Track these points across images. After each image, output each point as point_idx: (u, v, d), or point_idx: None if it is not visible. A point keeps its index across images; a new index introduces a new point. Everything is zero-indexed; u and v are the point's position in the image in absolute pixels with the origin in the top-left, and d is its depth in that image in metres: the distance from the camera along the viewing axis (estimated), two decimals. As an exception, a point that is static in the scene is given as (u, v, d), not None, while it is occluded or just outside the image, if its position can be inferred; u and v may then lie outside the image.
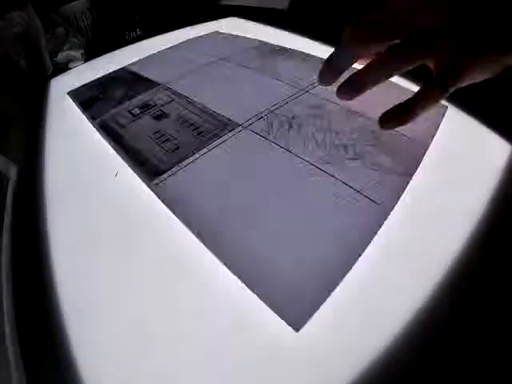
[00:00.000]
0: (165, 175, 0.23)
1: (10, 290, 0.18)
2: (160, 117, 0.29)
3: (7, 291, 0.18)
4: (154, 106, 0.31)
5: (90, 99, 0.34)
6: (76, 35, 0.44)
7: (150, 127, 0.28)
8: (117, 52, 0.43)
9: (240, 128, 0.26)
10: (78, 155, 0.27)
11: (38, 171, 0.26)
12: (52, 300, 0.18)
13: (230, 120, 0.27)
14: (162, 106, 0.30)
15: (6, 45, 0.36)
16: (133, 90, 0.34)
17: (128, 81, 0.36)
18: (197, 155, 0.24)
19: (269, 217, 0.19)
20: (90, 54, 0.44)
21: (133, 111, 0.30)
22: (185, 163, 0.24)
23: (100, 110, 0.32)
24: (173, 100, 0.31)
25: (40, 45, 0.38)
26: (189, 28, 0.48)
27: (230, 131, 0.26)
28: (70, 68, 0.41)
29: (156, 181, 0.23)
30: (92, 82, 0.37)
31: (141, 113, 0.30)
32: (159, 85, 0.34)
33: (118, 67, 0.39)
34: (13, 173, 0.25)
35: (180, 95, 0.32)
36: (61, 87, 0.37)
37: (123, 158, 0.25)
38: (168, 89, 0.33)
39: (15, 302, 0.18)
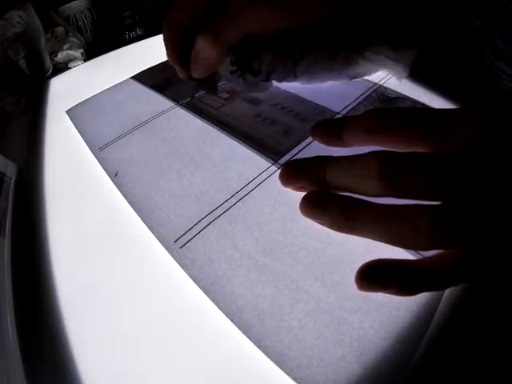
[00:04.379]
0: (285, 157, 0.23)
1: (10, 290, 0.18)
2: (253, 102, 0.29)
3: (7, 292, 0.18)
4: (241, 92, 0.30)
5: (162, 82, 0.34)
6: (76, 35, 0.43)
7: (249, 110, 0.28)
8: (117, 52, 0.43)
9: (338, 116, 0.27)
10: (78, 155, 0.27)
11: (38, 171, 0.26)
12: (52, 301, 0.18)
13: (326, 108, 0.28)
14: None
15: (5, 45, 0.36)
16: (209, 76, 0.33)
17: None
18: (308, 140, 0.24)
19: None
20: (90, 54, 0.43)
21: (221, 95, 0.30)
22: (300, 146, 0.24)
23: (180, 92, 0.32)
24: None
25: (40, 45, 0.38)
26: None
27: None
28: (70, 68, 0.41)
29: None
30: (157, 65, 0.37)
31: (230, 97, 0.30)
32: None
33: (118, 67, 0.39)
34: (13, 173, 0.25)
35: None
36: (61, 87, 0.37)
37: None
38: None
39: (15, 302, 0.18)
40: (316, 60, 0.26)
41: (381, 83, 0.30)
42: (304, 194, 0.14)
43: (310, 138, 0.24)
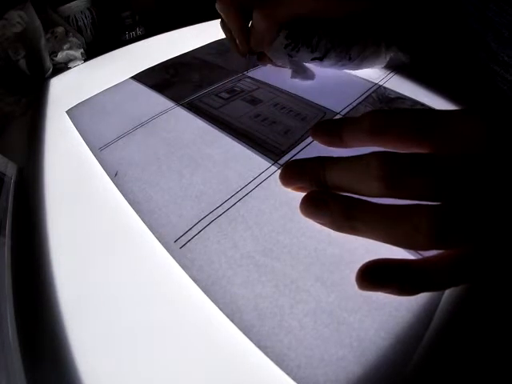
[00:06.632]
0: (285, 157, 0.23)
1: (10, 290, 0.18)
2: (253, 101, 0.29)
3: (7, 292, 0.18)
4: (241, 92, 0.31)
5: (162, 82, 0.34)
6: (76, 35, 0.43)
7: (248, 110, 0.28)
8: (117, 52, 0.43)
9: (338, 116, 0.27)
10: (78, 155, 0.27)
11: (38, 171, 0.26)
12: (52, 301, 0.18)
13: (326, 108, 0.28)
14: (250, 92, 0.30)
15: (5, 45, 0.36)
16: (209, 76, 0.34)
17: (199, 67, 0.36)
18: (308, 140, 0.24)
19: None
20: (90, 54, 0.43)
21: (221, 95, 0.30)
22: (300, 146, 0.24)
23: (180, 92, 0.32)
24: (259, 88, 0.31)
25: (40, 45, 0.38)
26: (192, 26, 0.48)
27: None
28: (70, 68, 0.41)
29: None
30: (157, 65, 0.37)
31: (230, 97, 0.30)
32: (237, 72, 0.34)
33: (118, 67, 0.39)
34: (13, 173, 0.25)
35: (265, 83, 0.32)
36: (61, 87, 0.37)
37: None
38: (249, 77, 0.33)
39: (15, 302, 0.18)
40: (366, 45, 0.28)
41: (381, 83, 0.30)
42: (304, 194, 0.14)
43: (310, 138, 0.24)
